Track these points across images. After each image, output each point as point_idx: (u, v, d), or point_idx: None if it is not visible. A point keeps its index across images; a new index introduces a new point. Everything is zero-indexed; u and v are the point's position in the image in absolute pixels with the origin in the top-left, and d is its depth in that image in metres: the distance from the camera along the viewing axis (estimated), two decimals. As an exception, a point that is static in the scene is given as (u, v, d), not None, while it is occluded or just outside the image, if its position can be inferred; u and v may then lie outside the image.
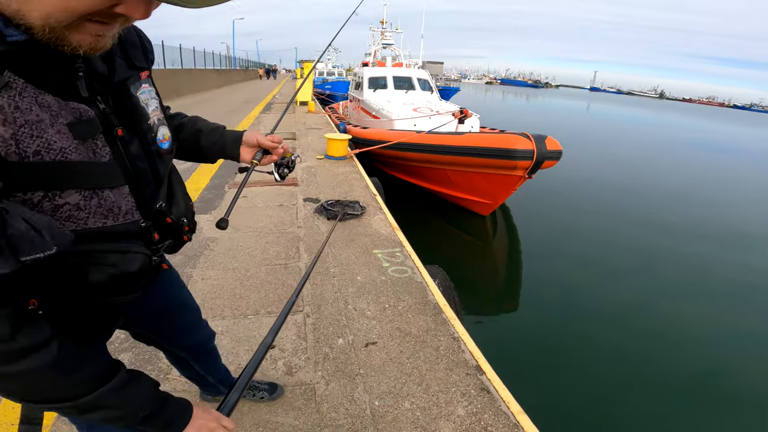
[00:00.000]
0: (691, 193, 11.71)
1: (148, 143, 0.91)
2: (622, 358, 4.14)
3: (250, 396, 2.05)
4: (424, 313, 2.83)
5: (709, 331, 4.75)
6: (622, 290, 5.52)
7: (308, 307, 2.80)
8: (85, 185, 0.75)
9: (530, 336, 4.38)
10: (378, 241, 3.84)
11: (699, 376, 3.97)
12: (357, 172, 6.25)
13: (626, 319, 4.81)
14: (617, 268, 6.21)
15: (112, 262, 0.82)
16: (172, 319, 1.35)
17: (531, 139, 6.13)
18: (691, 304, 5.30)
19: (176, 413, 0.88)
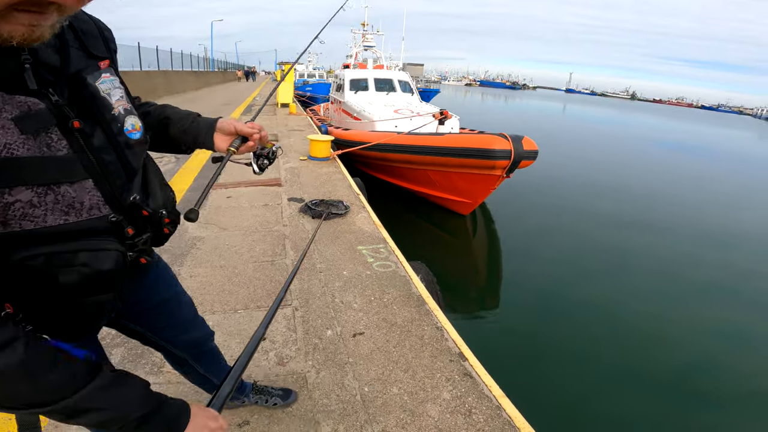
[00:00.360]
0: (662, 191, 12.00)
1: (114, 134, 0.87)
2: (599, 350, 4.29)
3: (262, 402, 2.00)
4: (408, 305, 2.94)
5: (681, 327, 4.88)
6: (598, 287, 5.68)
7: (296, 301, 2.89)
8: (37, 181, 0.71)
9: (510, 331, 4.50)
10: (362, 238, 3.95)
11: (673, 369, 4.11)
12: (340, 173, 6.34)
13: (602, 314, 4.96)
14: (593, 266, 6.39)
15: (83, 261, 0.79)
16: (166, 314, 1.32)
17: (508, 139, 6.31)
18: (663, 300, 5.46)
19: (174, 414, 0.82)
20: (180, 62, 24.07)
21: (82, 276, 0.80)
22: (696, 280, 6.22)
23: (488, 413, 2.09)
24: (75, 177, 0.78)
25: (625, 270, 6.34)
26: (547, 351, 4.23)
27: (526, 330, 4.54)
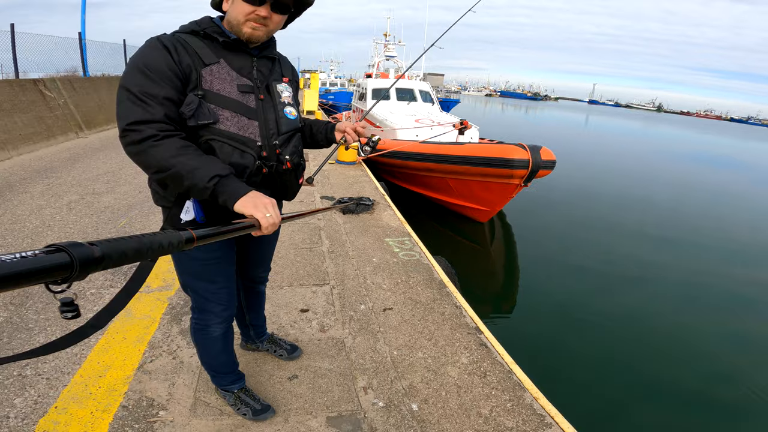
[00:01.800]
0: (689, 205, 11.90)
1: (277, 109, 1.60)
2: (617, 360, 4.31)
3: (272, 351, 2.45)
4: (430, 287, 3.34)
5: (705, 339, 4.86)
6: (618, 297, 5.69)
7: (333, 280, 3.31)
8: (234, 109, 1.46)
9: (525, 336, 4.52)
10: (389, 232, 4.37)
11: (692, 380, 4.12)
12: (366, 175, 6.80)
13: (622, 325, 4.96)
14: (613, 277, 6.41)
15: (235, 155, 1.45)
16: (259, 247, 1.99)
17: (527, 149, 6.50)
18: (685, 312, 5.46)
19: (236, 187, 1.27)
20: None
21: (233, 162, 1.43)
22: (721, 293, 6.15)
23: (501, 375, 2.45)
24: (251, 116, 1.50)
25: (647, 281, 6.34)
26: (563, 358, 4.28)
27: (542, 336, 4.60)
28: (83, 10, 11.78)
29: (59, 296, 0.76)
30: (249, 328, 2.36)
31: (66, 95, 9.19)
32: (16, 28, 8.61)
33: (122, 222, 4.25)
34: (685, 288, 6.22)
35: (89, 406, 2.00)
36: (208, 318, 1.80)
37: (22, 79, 8.37)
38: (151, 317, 2.77)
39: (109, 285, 3.13)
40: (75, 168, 6.30)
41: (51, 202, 4.74)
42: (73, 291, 0.68)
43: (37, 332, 2.54)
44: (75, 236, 3.88)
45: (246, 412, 2.01)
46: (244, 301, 2.20)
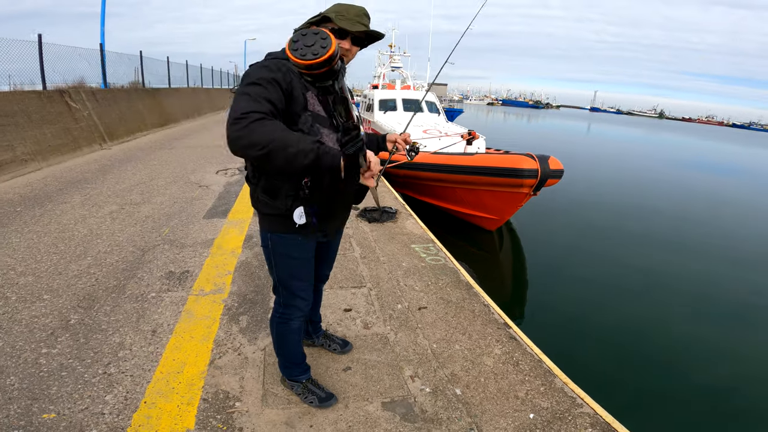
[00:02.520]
0: (693, 212, 11.99)
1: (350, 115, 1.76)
2: (627, 372, 4.36)
3: (326, 345, 2.74)
4: (459, 288, 3.62)
5: (713, 349, 4.90)
6: (626, 307, 5.75)
7: (369, 283, 3.60)
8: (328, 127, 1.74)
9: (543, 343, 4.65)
10: (414, 239, 4.67)
11: (701, 390, 4.18)
12: (385, 186, 7.09)
13: (631, 335, 5.03)
14: (620, 286, 6.48)
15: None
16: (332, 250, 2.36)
17: (535, 159, 6.74)
18: (692, 319, 5.56)
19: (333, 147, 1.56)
20: (210, 79, 24.26)
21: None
22: (730, 300, 6.24)
23: (532, 364, 2.72)
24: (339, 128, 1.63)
25: (654, 290, 6.41)
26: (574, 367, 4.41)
27: (550, 344, 4.70)
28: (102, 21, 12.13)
29: None
30: (308, 324, 2.66)
31: (90, 107, 9.54)
32: (19, 37, 8.50)
33: (165, 230, 4.54)
34: (693, 295, 6.34)
35: (174, 400, 2.24)
36: (292, 312, 2.10)
37: (49, 90, 8.70)
38: (212, 317, 3.04)
39: (167, 289, 3.40)
40: (107, 179, 6.61)
41: (93, 212, 5.04)
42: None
43: (111, 333, 2.80)
44: (125, 244, 4.17)
45: (312, 400, 2.27)
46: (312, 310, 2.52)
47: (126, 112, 11.14)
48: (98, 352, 2.59)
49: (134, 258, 3.91)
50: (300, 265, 2.01)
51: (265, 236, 1.98)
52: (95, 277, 3.54)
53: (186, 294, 3.34)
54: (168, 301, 3.24)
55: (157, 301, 3.24)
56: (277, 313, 2.15)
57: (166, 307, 3.15)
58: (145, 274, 3.63)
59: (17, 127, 7.18)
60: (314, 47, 1.27)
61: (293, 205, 1.79)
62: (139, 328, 2.87)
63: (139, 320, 2.96)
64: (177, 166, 7.86)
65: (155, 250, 4.08)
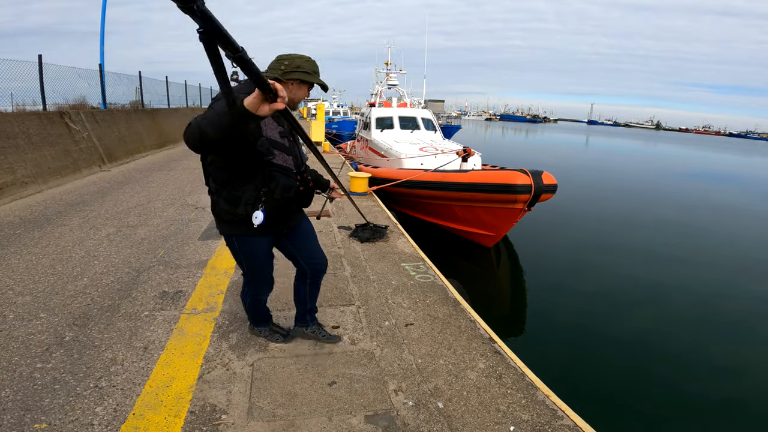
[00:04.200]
0: (693, 222, 12.15)
1: (299, 147, 2.51)
2: (629, 386, 4.41)
3: (318, 332, 3.10)
4: (446, 305, 3.71)
5: (718, 360, 4.97)
6: (626, 320, 5.84)
7: (358, 301, 3.69)
8: (280, 149, 2.30)
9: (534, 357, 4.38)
10: (404, 258, 4.77)
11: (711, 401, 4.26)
12: (378, 206, 7.21)
13: (631, 349, 5.08)
14: (620, 298, 6.57)
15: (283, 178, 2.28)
16: (307, 242, 2.78)
17: (529, 174, 6.82)
18: (694, 329, 5.61)
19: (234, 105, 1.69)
20: (209, 98, 22.77)
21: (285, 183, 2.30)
22: (731, 312, 6.29)
23: (514, 378, 2.80)
24: (288, 153, 2.36)
25: (654, 302, 6.48)
26: (573, 380, 4.34)
27: (550, 358, 4.67)
28: (102, 42, 12.32)
29: None
30: (307, 313, 3.06)
31: (89, 128, 9.70)
32: (17, 56, 8.83)
33: (161, 252, 4.65)
34: (694, 306, 6.39)
35: (162, 412, 2.33)
36: (261, 292, 2.83)
37: (49, 111, 8.84)
38: (203, 335, 3.13)
39: (160, 308, 3.49)
40: (106, 201, 6.74)
41: (90, 235, 5.15)
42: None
43: (104, 349, 2.89)
44: (120, 266, 4.27)
45: (278, 338, 3.05)
46: (309, 291, 2.95)
47: (125, 133, 11.31)
48: (91, 367, 2.68)
49: (129, 279, 4.00)
50: (262, 258, 2.59)
51: (230, 238, 2.47)
52: (90, 296, 3.63)
53: (179, 313, 3.43)
54: (161, 319, 3.33)
55: (150, 319, 3.32)
56: (248, 294, 2.86)
57: (159, 325, 3.25)
58: (140, 294, 3.73)
59: (18, 150, 7.32)
60: None
61: (252, 210, 2.24)
62: (131, 345, 2.96)
63: (132, 337, 3.05)
64: (174, 188, 7.99)
65: (150, 271, 4.17)
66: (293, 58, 2.30)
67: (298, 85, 2.32)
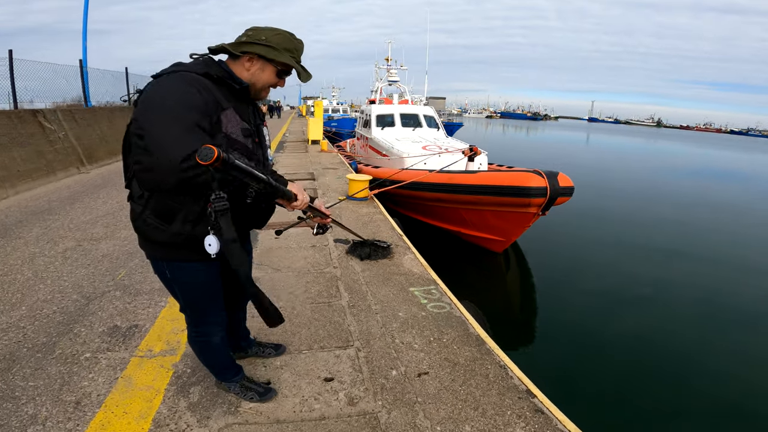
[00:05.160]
0: (696, 220, 11.89)
1: (264, 150, 1.95)
2: (640, 386, 4.26)
3: (260, 353, 2.70)
4: (468, 344, 2.96)
5: (724, 359, 4.84)
6: (633, 320, 5.62)
7: (358, 341, 2.94)
8: (241, 151, 1.73)
9: (545, 368, 4.36)
10: (413, 280, 3.99)
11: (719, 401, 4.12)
12: (380, 213, 6.41)
13: (640, 349, 4.92)
14: (627, 299, 6.32)
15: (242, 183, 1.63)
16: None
17: (544, 176, 6.19)
18: (704, 331, 5.41)
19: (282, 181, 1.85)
20: None
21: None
22: (736, 309, 6.17)
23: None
24: (250, 157, 1.79)
25: (664, 301, 6.29)
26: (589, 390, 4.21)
27: (563, 369, 4.49)
28: (84, 36, 11.60)
29: None
30: (238, 340, 2.60)
31: (67, 127, 8.96)
32: (17, 55, 8.27)
33: (121, 273, 3.90)
34: (703, 307, 6.19)
35: None
36: (209, 329, 2.07)
37: (20, 110, 8.13)
38: (155, 387, 2.41)
39: (106, 348, 2.78)
40: (74, 209, 5.99)
41: (46, 250, 4.42)
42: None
43: (24, 402, 2.25)
44: (69, 291, 3.54)
45: (252, 396, 2.33)
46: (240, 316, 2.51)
47: (108, 132, 10.55)
48: (3, 426, 2.05)
49: (76, 308, 3.27)
50: (207, 289, 1.95)
51: (159, 265, 1.84)
52: (24, 331, 2.93)
53: (128, 355, 2.72)
54: (104, 363, 2.63)
55: (91, 363, 2.62)
56: (193, 332, 2.09)
57: (101, 371, 2.55)
58: (84, 328, 3.01)
59: (-19, 152, 6.59)
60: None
61: (195, 230, 1.68)
62: (60, 398, 2.29)
63: (63, 388, 2.38)
64: None
65: (103, 299, 3.44)
66: (262, 30, 1.76)
67: (258, 62, 1.76)
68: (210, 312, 2.02)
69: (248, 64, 1.74)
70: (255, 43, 1.71)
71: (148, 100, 1.54)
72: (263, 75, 1.77)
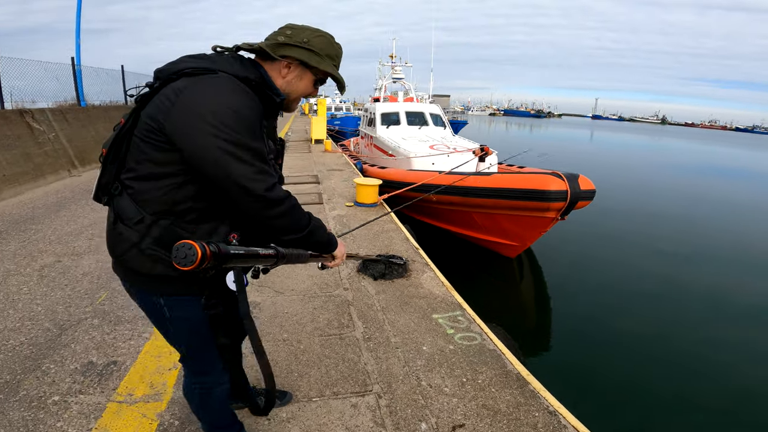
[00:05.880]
0: (704, 217, 11.82)
1: (280, 173, 1.53)
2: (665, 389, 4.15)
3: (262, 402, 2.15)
4: (508, 386, 2.48)
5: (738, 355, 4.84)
6: (648, 320, 5.56)
7: (377, 385, 2.45)
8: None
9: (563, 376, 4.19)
10: (435, 304, 3.47)
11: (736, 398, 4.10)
12: (392, 221, 5.87)
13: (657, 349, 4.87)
14: (640, 298, 6.23)
15: None
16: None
17: (564, 178, 5.82)
18: (724, 332, 5.30)
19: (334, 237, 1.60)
20: None
21: None
22: (747, 305, 6.16)
23: None
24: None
25: (674, 299, 6.23)
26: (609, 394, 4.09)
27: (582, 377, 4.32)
28: (77, 33, 11.11)
29: None
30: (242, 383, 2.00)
31: (57, 128, 8.48)
32: (21, 55, 7.95)
33: (101, 296, 3.41)
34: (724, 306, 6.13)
35: None
36: (216, 379, 1.65)
37: (6, 110, 7.68)
38: (135, 445, 1.95)
39: (78, 390, 2.32)
40: (59, 217, 5.50)
41: (22, 267, 3.94)
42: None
43: None
44: (41, 317, 3.07)
45: None
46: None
47: (103, 132, 10.04)
48: None
49: (47, 339, 2.80)
50: (212, 325, 1.50)
51: (153, 301, 1.41)
52: (-16, 368, 2.47)
53: (105, 399, 2.27)
54: (75, 410, 2.18)
55: (60, 409, 2.18)
56: (194, 383, 1.65)
57: (71, 419, 2.11)
58: (54, 364, 2.55)
59: (-39, 156, 6.13)
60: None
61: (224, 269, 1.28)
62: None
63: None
64: None
65: (79, 327, 2.96)
66: (302, 29, 1.41)
67: (296, 69, 1.42)
68: (216, 356, 1.61)
69: (285, 70, 1.41)
70: (296, 45, 1.37)
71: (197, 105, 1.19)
72: (300, 84, 1.45)
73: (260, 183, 1.19)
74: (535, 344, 5.01)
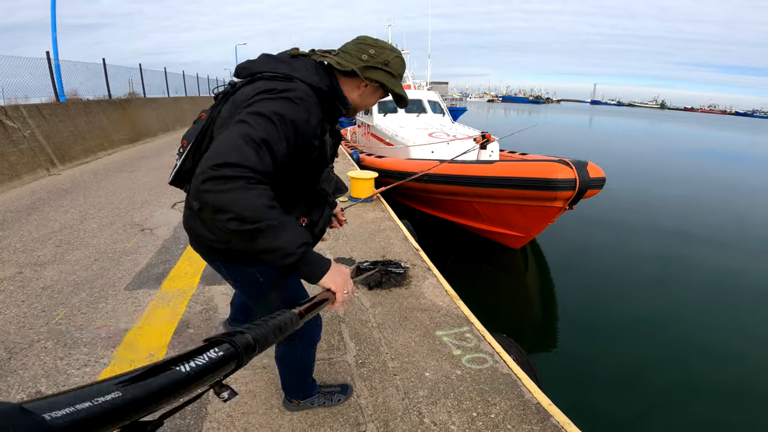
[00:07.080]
0: (705, 201, 11.64)
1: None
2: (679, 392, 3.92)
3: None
4: (527, 421, 2.10)
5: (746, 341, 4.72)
6: (650, 307, 5.45)
7: (372, 424, 2.06)
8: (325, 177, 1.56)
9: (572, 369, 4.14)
10: (438, 318, 3.06)
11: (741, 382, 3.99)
12: (389, 219, 5.43)
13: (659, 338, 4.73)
14: (645, 287, 6.09)
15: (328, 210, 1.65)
16: None
17: (572, 166, 5.48)
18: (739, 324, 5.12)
19: (319, 259, 1.23)
20: (207, 87, 24.21)
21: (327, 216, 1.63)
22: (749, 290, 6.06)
23: None
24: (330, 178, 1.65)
25: (680, 285, 6.15)
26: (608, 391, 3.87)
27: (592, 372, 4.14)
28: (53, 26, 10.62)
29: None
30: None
31: (33, 125, 8.02)
32: (15, 51, 7.53)
33: (59, 315, 3.00)
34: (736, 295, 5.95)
35: None
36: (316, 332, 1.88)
37: (-24, 109, 7.22)
38: None
39: None
40: (29, 222, 5.07)
41: (-21, 280, 3.54)
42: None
43: None
44: (-12, 344, 2.67)
45: (339, 398, 2.14)
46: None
47: (84, 128, 9.59)
48: None
49: (-10, 369, 2.42)
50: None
51: (248, 274, 1.57)
52: None
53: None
54: None
55: None
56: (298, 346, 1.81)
57: None
58: (-2, 397, 2.16)
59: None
60: None
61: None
62: None
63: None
64: (124, 198, 6.18)
65: (30, 351, 2.56)
66: (383, 49, 1.45)
67: (373, 89, 1.50)
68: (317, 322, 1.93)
69: (363, 88, 1.49)
70: (379, 68, 1.44)
71: None
72: (371, 99, 1.55)
73: (242, 153, 1.10)
74: (542, 342, 4.77)
